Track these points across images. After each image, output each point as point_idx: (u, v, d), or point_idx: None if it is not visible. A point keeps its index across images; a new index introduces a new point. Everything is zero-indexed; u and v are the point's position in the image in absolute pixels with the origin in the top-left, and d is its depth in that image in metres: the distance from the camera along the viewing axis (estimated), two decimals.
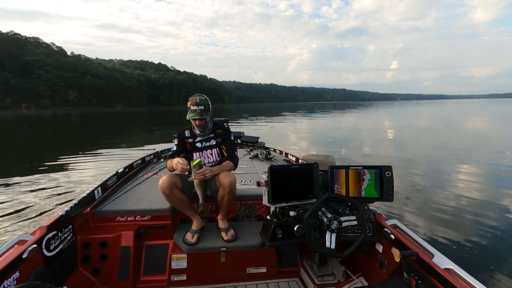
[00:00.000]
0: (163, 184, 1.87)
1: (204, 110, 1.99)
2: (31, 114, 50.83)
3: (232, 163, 2.10)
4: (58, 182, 5.68)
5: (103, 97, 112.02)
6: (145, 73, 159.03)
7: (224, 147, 2.16)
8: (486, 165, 6.96)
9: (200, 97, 2.00)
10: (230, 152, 2.15)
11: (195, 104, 1.97)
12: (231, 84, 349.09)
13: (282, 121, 24.29)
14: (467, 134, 13.92)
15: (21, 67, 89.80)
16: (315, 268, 1.94)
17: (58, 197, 4.76)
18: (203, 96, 2.03)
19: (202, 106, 1.98)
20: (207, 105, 2.00)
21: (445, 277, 1.16)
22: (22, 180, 5.87)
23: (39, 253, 1.47)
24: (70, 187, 5.34)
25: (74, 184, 5.56)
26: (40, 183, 5.60)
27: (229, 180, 1.90)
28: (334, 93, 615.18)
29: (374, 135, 13.83)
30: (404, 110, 50.31)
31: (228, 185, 1.90)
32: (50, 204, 4.40)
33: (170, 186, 1.88)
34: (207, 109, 2.01)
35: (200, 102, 1.98)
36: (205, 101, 2.00)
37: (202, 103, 1.98)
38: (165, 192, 1.89)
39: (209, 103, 2.04)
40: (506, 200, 4.45)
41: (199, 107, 1.97)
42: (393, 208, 4.07)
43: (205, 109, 1.99)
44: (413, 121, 23.81)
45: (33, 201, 4.54)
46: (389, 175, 1.67)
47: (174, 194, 1.92)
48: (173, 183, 1.90)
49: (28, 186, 5.41)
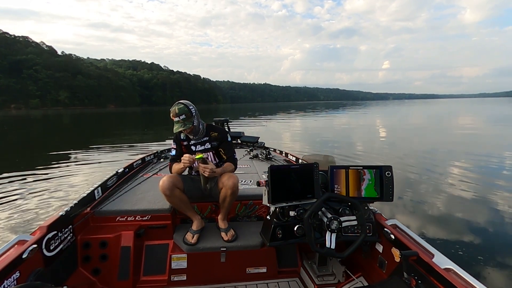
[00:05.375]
0: (164, 184, 1.88)
1: (187, 118, 1.92)
2: (20, 114, 49.85)
3: (233, 165, 2.10)
4: (57, 183, 5.64)
5: (95, 97, 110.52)
6: (137, 73, 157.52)
7: (222, 149, 2.14)
8: (486, 165, 6.94)
9: (178, 106, 1.92)
10: (229, 154, 2.14)
11: (175, 115, 1.91)
12: (225, 84, 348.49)
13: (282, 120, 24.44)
14: (466, 134, 13.96)
15: (10, 67, 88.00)
16: (315, 268, 1.95)
17: (58, 197, 4.74)
18: (181, 103, 1.95)
19: (183, 115, 1.91)
20: (188, 112, 1.92)
21: (445, 277, 1.17)
22: (21, 180, 5.82)
23: (39, 253, 1.47)
24: (70, 187, 5.33)
25: (74, 184, 5.56)
26: (39, 184, 5.56)
27: (232, 181, 1.92)
28: (328, 93, 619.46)
29: (380, 134, 13.92)
30: (401, 109, 51.00)
31: (231, 186, 1.91)
32: (50, 204, 4.38)
33: (171, 187, 1.89)
34: (190, 115, 1.93)
35: (179, 112, 1.90)
36: (184, 109, 1.92)
37: (182, 112, 1.91)
38: (166, 192, 1.89)
39: (191, 109, 1.96)
40: (507, 200, 4.47)
41: (180, 117, 1.91)
42: (393, 208, 4.10)
43: (187, 117, 1.92)
44: (413, 120, 24.16)
45: (33, 201, 4.52)
46: (389, 175, 1.68)
47: (175, 194, 1.92)
48: (173, 184, 1.91)
49: (28, 186, 5.37)
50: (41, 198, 4.70)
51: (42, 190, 5.14)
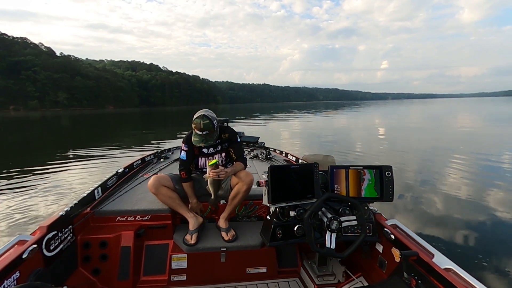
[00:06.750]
0: (150, 183, 1.98)
1: (209, 134, 1.90)
2: (19, 116, 49.73)
3: (243, 165, 2.12)
4: (57, 183, 5.66)
5: (93, 98, 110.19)
6: (136, 74, 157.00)
7: (232, 150, 2.16)
8: (486, 165, 6.93)
9: (204, 121, 1.86)
10: (239, 154, 2.15)
11: (200, 129, 1.87)
12: (224, 85, 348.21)
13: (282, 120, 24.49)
14: (466, 133, 13.93)
15: (8, 68, 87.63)
16: (315, 268, 1.95)
17: (58, 197, 4.74)
18: (207, 118, 1.88)
19: (206, 131, 1.88)
20: (212, 128, 1.89)
21: (445, 277, 1.17)
22: (20, 180, 5.83)
23: (39, 253, 1.47)
24: (70, 187, 5.35)
25: (74, 184, 5.57)
26: (38, 184, 5.57)
27: (250, 178, 1.99)
28: (327, 93, 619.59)
29: (380, 134, 13.92)
30: (400, 108, 51.02)
31: (248, 182, 1.97)
32: (50, 204, 4.39)
33: (156, 185, 1.97)
34: (212, 130, 1.91)
35: (204, 128, 1.86)
36: (209, 125, 1.87)
37: (207, 128, 1.87)
38: (152, 190, 1.98)
39: (214, 124, 1.92)
40: (507, 200, 4.47)
41: (204, 132, 1.87)
42: (393, 208, 4.10)
43: (210, 132, 1.90)
44: (413, 120, 24.17)
45: (33, 201, 4.52)
46: (389, 175, 1.68)
47: (161, 192, 1.99)
48: (159, 182, 1.99)
49: (27, 187, 5.37)
50: (41, 198, 4.71)
51: (42, 190, 5.14)
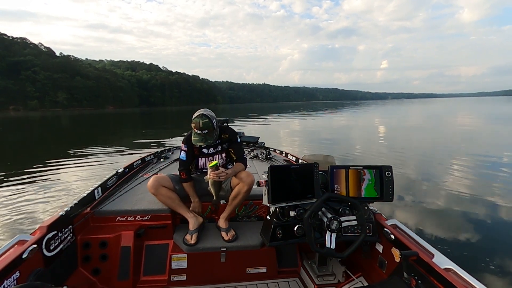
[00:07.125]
0: (149, 184, 1.98)
1: (209, 133, 1.89)
2: (19, 116, 49.71)
3: (243, 165, 2.12)
4: (57, 183, 5.66)
5: (93, 98, 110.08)
6: (136, 74, 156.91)
7: (232, 150, 2.16)
8: (486, 165, 6.92)
9: (203, 120, 1.86)
10: (239, 155, 2.15)
11: (199, 128, 1.87)
12: (224, 84, 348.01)
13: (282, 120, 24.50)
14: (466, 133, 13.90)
15: (8, 68, 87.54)
16: (315, 268, 1.95)
17: (58, 197, 4.75)
18: (206, 117, 1.88)
19: (206, 130, 1.87)
20: (211, 127, 1.89)
21: (445, 277, 1.17)
22: (20, 180, 5.82)
23: (39, 253, 1.47)
24: (70, 187, 5.34)
25: (74, 184, 5.57)
26: (38, 184, 5.57)
27: (251, 179, 1.98)
28: (327, 92, 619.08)
29: (380, 134, 13.94)
30: (400, 108, 51.10)
31: (249, 183, 1.96)
32: (50, 204, 4.39)
33: (155, 186, 1.97)
34: (212, 129, 1.91)
35: (204, 127, 1.86)
36: (208, 124, 1.87)
37: (206, 127, 1.86)
38: (151, 191, 1.98)
39: (214, 123, 1.92)
40: (507, 200, 4.47)
41: (203, 131, 1.87)
42: (393, 208, 4.10)
43: (210, 132, 1.89)
44: (413, 119, 24.19)
45: (33, 201, 4.53)
46: (389, 175, 1.68)
47: (160, 193, 1.99)
48: (158, 182, 1.98)
49: (27, 187, 5.37)
50: (41, 198, 4.71)
51: (42, 190, 5.14)
